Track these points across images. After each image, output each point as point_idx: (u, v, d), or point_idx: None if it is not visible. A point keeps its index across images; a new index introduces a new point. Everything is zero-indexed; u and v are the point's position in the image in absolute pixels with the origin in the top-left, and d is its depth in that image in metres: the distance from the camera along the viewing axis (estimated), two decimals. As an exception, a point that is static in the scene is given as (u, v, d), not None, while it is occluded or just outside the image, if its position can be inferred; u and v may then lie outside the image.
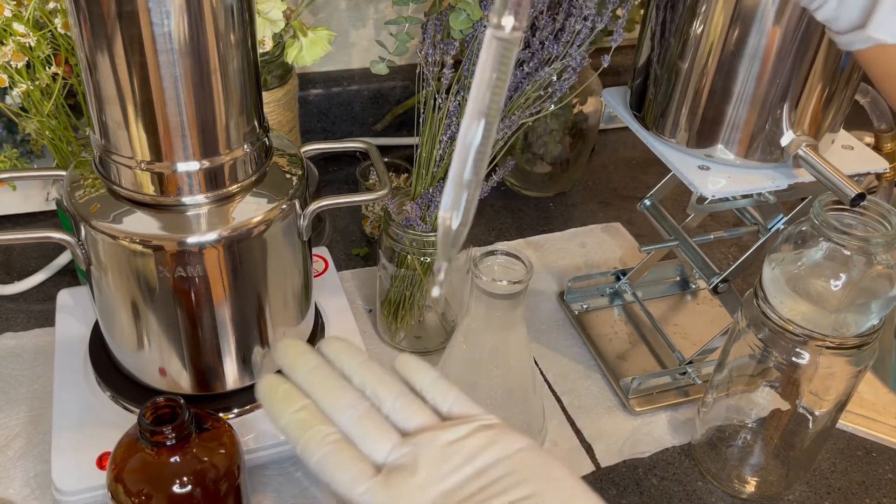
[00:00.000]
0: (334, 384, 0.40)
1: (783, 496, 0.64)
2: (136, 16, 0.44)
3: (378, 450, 0.37)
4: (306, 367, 0.41)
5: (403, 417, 0.39)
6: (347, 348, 0.42)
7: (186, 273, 0.52)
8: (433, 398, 0.40)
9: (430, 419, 0.39)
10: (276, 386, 0.40)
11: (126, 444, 0.49)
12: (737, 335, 0.59)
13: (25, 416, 0.65)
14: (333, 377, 0.40)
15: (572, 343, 0.76)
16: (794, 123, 0.59)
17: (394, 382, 0.40)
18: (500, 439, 0.37)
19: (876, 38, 0.47)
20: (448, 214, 0.37)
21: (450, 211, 0.37)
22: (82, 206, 0.52)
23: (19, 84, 0.61)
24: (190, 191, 0.51)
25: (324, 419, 0.39)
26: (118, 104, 0.48)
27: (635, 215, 0.94)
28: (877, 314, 0.53)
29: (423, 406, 0.39)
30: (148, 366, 0.58)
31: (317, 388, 0.40)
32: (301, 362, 0.41)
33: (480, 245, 0.88)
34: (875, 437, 0.69)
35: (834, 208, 0.54)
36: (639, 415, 0.69)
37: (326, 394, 0.39)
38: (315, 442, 0.37)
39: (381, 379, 0.40)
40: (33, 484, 0.60)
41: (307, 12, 0.91)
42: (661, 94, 0.62)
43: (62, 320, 0.67)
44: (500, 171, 0.66)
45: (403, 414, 0.39)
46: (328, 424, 0.38)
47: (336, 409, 0.39)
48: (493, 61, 0.34)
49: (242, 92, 0.50)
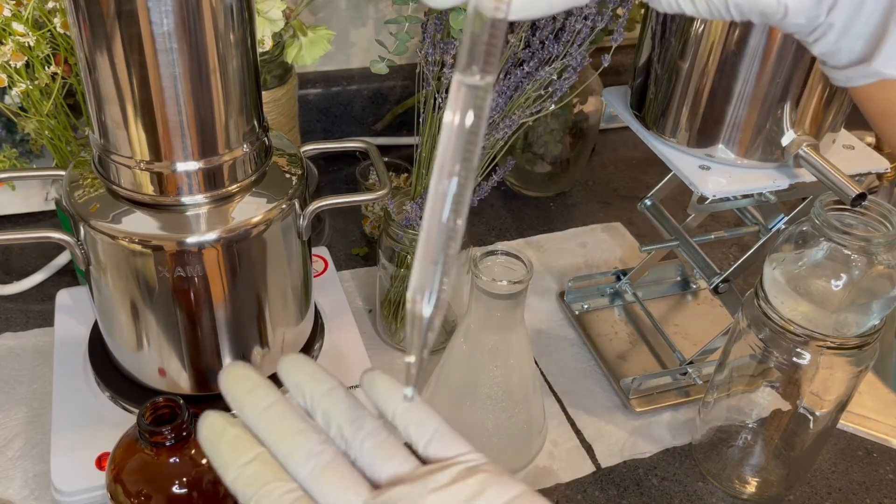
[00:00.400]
0: (292, 427, 0.33)
1: (784, 496, 0.63)
2: (136, 15, 0.44)
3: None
4: (258, 406, 0.34)
5: (374, 463, 0.33)
6: (309, 375, 0.35)
7: (186, 273, 0.52)
8: (407, 430, 0.34)
9: (405, 464, 0.33)
10: (221, 429, 0.33)
11: (125, 445, 0.49)
12: (737, 335, 0.59)
13: (25, 416, 0.64)
14: (291, 417, 0.34)
15: (572, 343, 0.76)
16: (795, 123, 0.59)
17: (363, 417, 0.34)
18: (488, 487, 0.31)
19: (884, 72, 0.43)
20: (418, 297, 0.31)
21: (420, 292, 0.31)
22: (81, 206, 0.52)
23: (18, 84, 0.61)
24: (189, 190, 0.51)
25: (280, 472, 0.32)
26: (117, 104, 0.48)
27: (636, 215, 0.94)
28: (878, 314, 0.53)
29: (397, 447, 0.33)
30: (147, 366, 0.58)
31: (271, 432, 0.33)
32: (251, 400, 0.34)
33: (480, 245, 0.87)
34: (876, 437, 0.68)
35: (835, 208, 0.53)
36: (639, 415, 0.69)
37: (282, 440, 0.33)
38: (269, 502, 0.31)
39: (348, 414, 0.34)
40: (33, 484, 0.60)
41: (307, 12, 0.91)
42: (661, 94, 0.62)
43: (61, 320, 0.67)
44: (500, 171, 0.66)
45: (374, 459, 0.33)
46: (285, 479, 0.32)
47: (294, 458, 0.32)
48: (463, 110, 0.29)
49: (242, 91, 0.50)
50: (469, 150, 0.30)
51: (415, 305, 0.31)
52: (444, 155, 0.30)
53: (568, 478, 0.63)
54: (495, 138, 0.62)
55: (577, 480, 0.63)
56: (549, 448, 0.66)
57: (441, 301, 0.31)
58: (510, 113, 0.61)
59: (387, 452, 0.33)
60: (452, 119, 0.30)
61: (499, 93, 0.60)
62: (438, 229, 0.30)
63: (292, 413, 0.34)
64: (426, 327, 0.31)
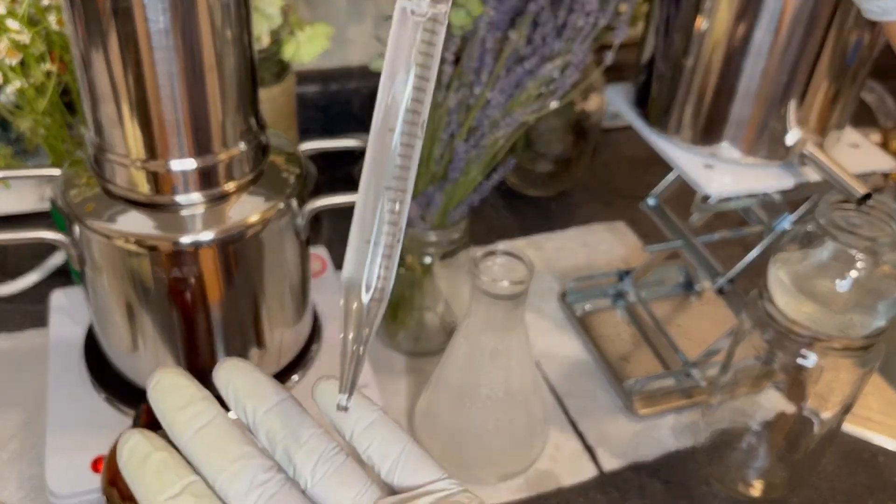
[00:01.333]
0: (231, 452, 0.28)
1: (788, 499, 0.63)
2: (131, 12, 0.43)
3: None
4: (192, 426, 0.28)
5: (328, 494, 0.28)
6: (252, 386, 0.30)
7: (182, 273, 0.51)
8: (368, 453, 0.29)
9: (365, 493, 0.28)
10: (145, 454, 0.28)
11: (120, 448, 0.48)
12: (741, 336, 0.58)
13: (19, 418, 0.64)
14: (230, 440, 0.28)
15: (574, 344, 0.76)
16: (800, 121, 0.58)
17: (315, 437, 0.29)
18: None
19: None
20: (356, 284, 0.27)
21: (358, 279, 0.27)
22: (77, 206, 0.52)
23: (13, 81, 0.61)
24: (185, 189, 0.50)
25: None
26: (113, 101, 0.47)
27: (638, 215, 0.93)
28: (883, 315, 0.52)
29: (355, 473, 0.29)
30: (143, 367, 0.58)
31: (206, 457, 0.28)
32: (184, 417, 0.29)
33: (481, 245, 0.87)
34: (881, 439, 0.68)
35: (840, 208, 0.53)
36: (642, 418, 0.68)
37: (220, 467, 0.28)
38: None
39: (297, 434, 0.29)
40: (27, 487, 0.59)
41: (305, 8, 0.90)
42: (665, 91, 0.61)
43: (56, 321, 0.66)
44: (500, 170, 0.65)
45: (328, 489, 0.28)
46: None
47: (234, 490, 0.27)
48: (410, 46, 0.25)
49: (239, 89, 0.50)
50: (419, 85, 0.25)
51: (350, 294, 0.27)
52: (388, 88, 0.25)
53: (570, 481, 0.63)
54: (496, 137, 0.61)
55: (579, 484, 0.63)
56: (551, 451, 0.65)
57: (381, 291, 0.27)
58: (511, 111, 0.60)
59: (344, 481, 0.28)
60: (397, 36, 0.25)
61: (500, 90, 0.59)
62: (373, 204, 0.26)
63: (233, 434, 0.29)
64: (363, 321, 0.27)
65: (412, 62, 0.25)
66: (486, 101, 0.60)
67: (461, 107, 0.61)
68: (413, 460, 0.29)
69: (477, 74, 0.59)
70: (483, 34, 0.57)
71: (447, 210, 0.65)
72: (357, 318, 0.27)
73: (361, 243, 0.27)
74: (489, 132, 0.61)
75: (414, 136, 0.26)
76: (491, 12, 0.56)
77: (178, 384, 0.29)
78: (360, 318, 0.27)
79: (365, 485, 0.29)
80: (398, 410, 0.68)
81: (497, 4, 0.56)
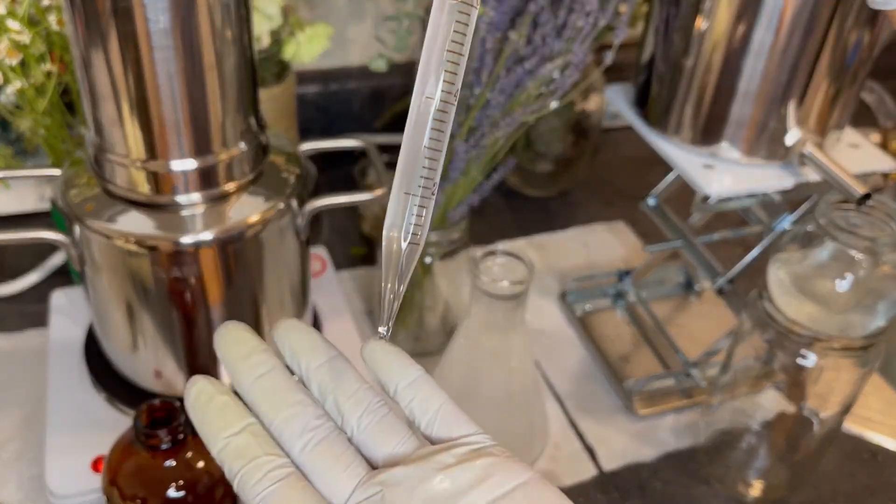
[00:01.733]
0: (287, 398, 0.31)
1: (789, 500, 0.63)
2: (131, 12, 0.43)
3: (338, 490, 0.29)
4: (253, 374, 0.31)
5: (372, 442, 0.31)
6: (307, 343, 0.33)
7: (182, 273, 0.51)
8: (410, 406, 0.32)
9: (405, 443, 0.31)
10: (210, 396, 0.31)
11: (121, 448, 0.49)
12: (742, 336, 0.58)
13: (19, 418, 0.64)
14: (286, 389, 0.31)
15: (574, 344, 0.76)
16: (800, 121, 0.58)
17: (362, 392, 0.32)
18: (494, 473, 0.29)
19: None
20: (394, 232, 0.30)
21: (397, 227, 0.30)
22: (76, 206, 0.52)
23: (13, 81, 0.61)
24: (185, 189, 0.50)
25: (271, 446, 0.30)
26: (113, 101, 0.47)
27: (639, 215, 0.93)
28: (883, 315, 0.52)
29: (397, 424, 0.31)
30: (143, 367, 0.58)
31: (265, 402, 0.31)
32: (246, 366, 0.32)
33: (481, 245, 0.87)
34: (882, 439, 0.68)
35: (840, 208, 0.53)
36: (642, 418, 0.68)
37: (276, 412, 0.31)
38: (256, 478, 0.29)
39: (345, 388, 0.32)
40: (27, 487, 0.59)
41: (305, 8, 0.90)
42: (664, 92, 0.61)
43: (56, 321, 0.66)
44: (501, 170, 0.65)
45: (372, 437, 0.31)
46: (277, 453, 0.30)
47: (288, 433, 0.30)
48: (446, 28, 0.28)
49: (239, 89, 0.50)
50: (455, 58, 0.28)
51: (391, 240, 0.30)
52: (427, 62, 0.28)
53: (570, 481, 0.63)
54: (496, 137, 0.61)
55: (579, 484, 0.63)
56: (551, 451, 0.65)
57: (417, 237, 0.30)
58: (511, 111, 0.60)
59: (386, 430, 0.31)
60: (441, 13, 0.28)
61: (500, 90, 0.59)
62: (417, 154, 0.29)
63: (289, 383, 0.32)
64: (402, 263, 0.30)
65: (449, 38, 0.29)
66: (486, 101, 0.60)
67: (461, 107, 0.61)
68: (450, 415, 0.31)
69: (477, 74, 0.59)
70: (483, 34, 0.57)
71: (447, 210, 0.65)
72: (396, 260, 0.30)
73: (401, 195, 0.30)
74: (489, 132, 0.61)
75: (449, 104, 0.29)
76: (491, 13, 0.56)
77: (242, 336, 0.32)
78: (400, 261, 0.30)
79: (405, 435, 0.31)
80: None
81: (497, 5, 0.56)
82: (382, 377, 0.32)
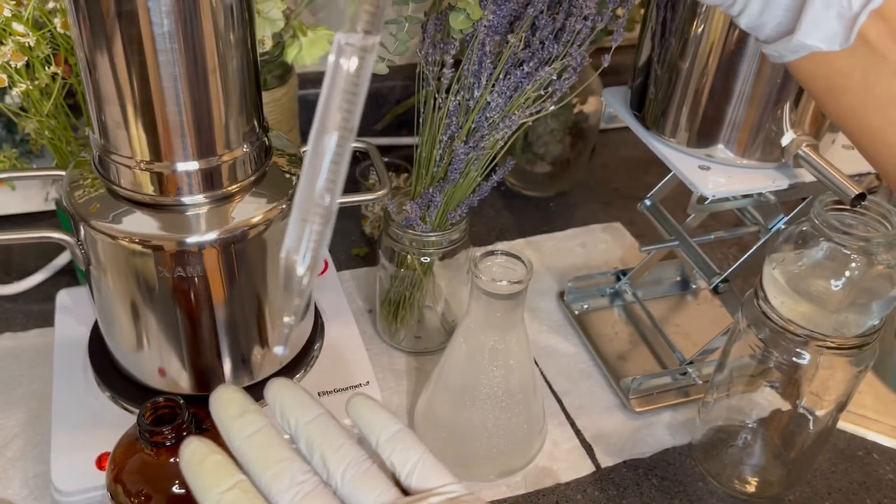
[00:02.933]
0: (276, 455, 0.33)
1: (784, 496, 0.64)
2: (136, 15, 0.44)
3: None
4: (244, 433, 0.34)
5: (355, 494, 0.33)
6: (297, 403, 0.35)
7: (186, 273, 0.52)
8: (391, 459, 0.34)
9: (386, 494, 0.33)
10: (203, 455, 0.33)
11: (125, 445, 0.49)
12: (737, 335, 0.59)
13: (24, 416, 0.64)
14: (275, 445, 0.34)
15: (572, 343, 0.76)
16: (795, 123, 0.59)
17: (345, 448, 0.34)
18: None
19: (808, 43, 0.40)
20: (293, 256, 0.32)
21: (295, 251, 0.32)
22: (81, 206, 0.52)
23: (19, 84, 0.61)
24: (189, 190, 0.51)
25: (260, 501, 0.32)
26: (117, 104, 0.48)
27: (636, 215, 0.94)
28: (877, 314, 0.53)
29: (379, 478, 0.34)
30: (147, 366, 0.58)
31: (254, 459, 0.33)
32: (237, 426, 0.34)
33: (480, 245, 0.87)
34: (876, 437, 0.68)
35: (834, 208, 0.53)
36: (639, 415, 0.69)
37: (265, 468, 0.33)
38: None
39: (331, 442, 0.34)
40: (32, 484, 0.60)
41: (307, 12, 0.91)
42: (661, 94, 0.62)
43: (61, 320, 0.67)
44: (500, 171, 0.66)
45: (355, 489, 0.33)
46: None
47: (276, 487, 0.32)
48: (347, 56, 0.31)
49: (242, 91, 0.50)
50: (350, 101, 0.30)
51: (289, 263, 0.32)
52: (326, 105, 0.30)
53: (568, 478, 0.63)
54: (495, 138, 0.62)
55: (576, 480, 0.63)
56: (549, 448, 0.66)
57: (313, 261, 0.32)
58: (510, 113, 0.61)
59: (368, 482, 0.33)
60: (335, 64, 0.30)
61: (499, 93, 0.60)
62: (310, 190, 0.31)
63: (277, 440, 0.34)
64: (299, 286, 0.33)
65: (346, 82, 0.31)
66: (485, 104, 0.60)
67: (461, 109, 0.61)
68: (428, 466, 0.34)
69: (476, 77, 0.60)
70: (482, 38, 0.58)
71: (447, 210, 0.66)
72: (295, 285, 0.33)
73: (299, 222, 0.32)
74: (488, 134, 0.62)
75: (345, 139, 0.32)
76: (490, 16, 0.57)
77: (234, 398, 0.35)
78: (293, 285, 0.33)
79: (386, 487, 0.33)
80: (399, 408, 0.68)
81: (496, 8, 0.57)
82: (365, 431, 0.35)
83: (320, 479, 0.33)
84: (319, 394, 0.62)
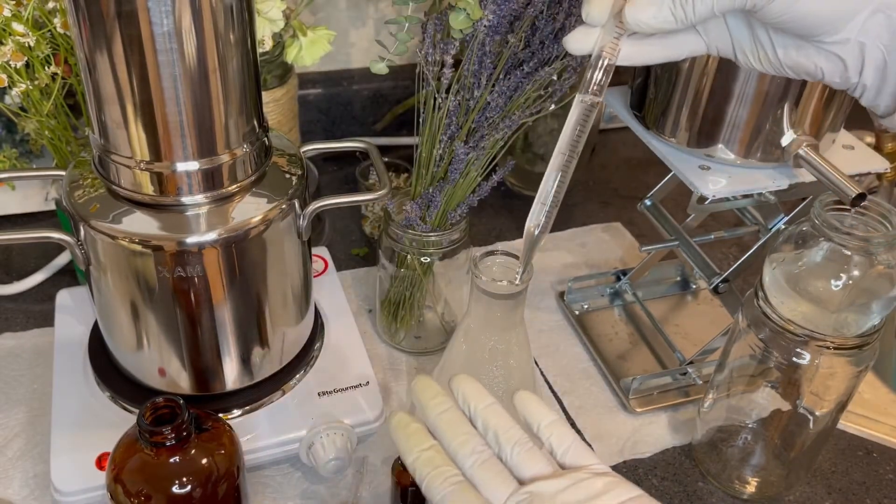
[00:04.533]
0: (460, 430, 0.43)
1: (784, 496, 0.64)
2: (136, 15, 0.44)
3: (496, 496, 0.40)
4: (437, 410, 0.44)
5: (521, 465, 0.41)
6: (475, 392, 0.45)
7: (186, 273, 0.52)
8: (549, 441, 0.43)
9: (545, 467, 0.41)
10: (406, 423, 0.44)
11: (125, 445, 0.49)
12: (737, 335, 0.59)
13: (24, 416, 0.65)
14: (460, 422, 0.44)
15: (572, 343, 0.76)
16: (795, 123, 0.59)
17: (514, 430, 0.43)
18: (612, 488, 0.39)
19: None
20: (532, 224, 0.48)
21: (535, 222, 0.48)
22: (81, 206, 0.52)
23: (18, 84, 0.61)
24: (189, 191, 0.51)
25: (449, 461, 0.42)
26: (117, 104, 0.48)
27: (636, 215, 0.94)
28: (877, 314, 0.53)
29: (540, 455, 0.42)
30: (147, 366, 0.58)
31: (444, 431, 0.43)
32: (433, 404, 0.45)
33: (480, 245, 0.87)
34: (876, 437, 0.68)
35: (834, 208, 0.53)
36: (639, 415, 0.69)
37: (453, 438, 0.43)
38: (440, 481, 0.41)
39: (502, 426, 0.43)
40: (32, 484, 0.60)
41: (307, 12, 0.91)
42: (661, 94, 0.62)
43: (61, 320, 0.67)
44: (500, 171, 0.66)
45: (521, 462, 0.42)
46: (452, 466, 0.42)
47: (460, 453, 0.42)
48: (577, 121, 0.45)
49: (242, 92, 0.50)
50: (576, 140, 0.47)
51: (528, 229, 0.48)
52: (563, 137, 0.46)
53: (568, 478, 0.63)
54: (495, 138, 0.62)
55: (576, 480, 0.63)
56: (549, 448, 0.66)
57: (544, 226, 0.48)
58: (510, 113, 0.61)
59: (531, 458, 0.42)
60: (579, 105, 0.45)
61: (499, 93, 0.60)
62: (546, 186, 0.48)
63: (461, 419, 0.44)
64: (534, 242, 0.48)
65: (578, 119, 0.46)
66: (485, 104, 0.60)
67: (461, 109, 0.61)
68: (580, 449, 0.42)
69: (476, 77, 0.60)
70: (482, 38, 0.58)
71: (447, 210, 0.66)
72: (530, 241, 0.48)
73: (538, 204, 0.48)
74: (488, 134, 0.62)
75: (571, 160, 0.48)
76: (490, 16, 0.57)
77: (429, 384, 0.46)
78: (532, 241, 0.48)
79: (546, 462, 0.42)
80: (399, 408, 0.68)
81: (496, 8, 0.57)
82: (529, 418, 0.44)
83: (493, 451, 0.42)
84: (319, 394, 0.62)
